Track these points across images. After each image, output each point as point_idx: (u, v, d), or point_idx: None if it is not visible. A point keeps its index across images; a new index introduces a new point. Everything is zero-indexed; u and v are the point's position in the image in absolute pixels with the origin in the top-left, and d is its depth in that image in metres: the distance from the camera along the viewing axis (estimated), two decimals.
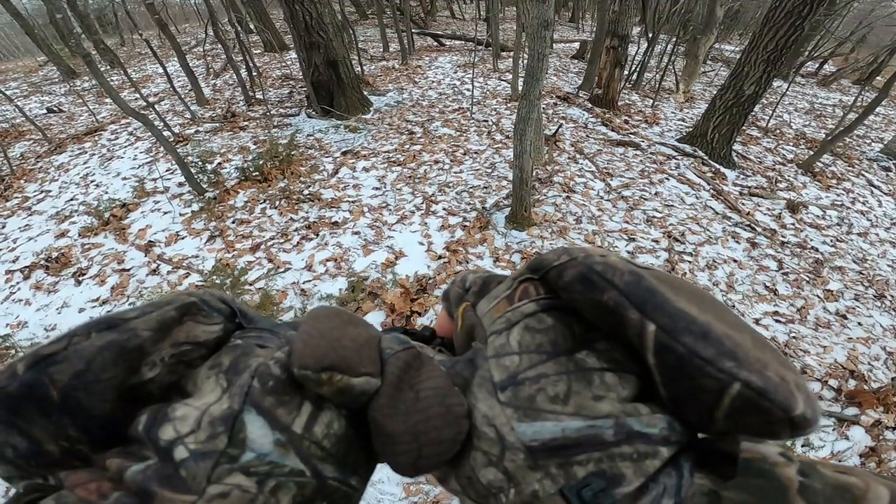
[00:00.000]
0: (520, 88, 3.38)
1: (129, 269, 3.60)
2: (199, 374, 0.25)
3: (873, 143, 7.75)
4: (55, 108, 8.15)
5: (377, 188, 4.58)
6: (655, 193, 4.81)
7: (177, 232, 3.98)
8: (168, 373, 0.25)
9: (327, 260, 3.59)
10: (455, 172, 4.87)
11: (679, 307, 0.20)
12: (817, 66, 13.82)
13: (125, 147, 5.91)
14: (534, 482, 0.21)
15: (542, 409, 0.21)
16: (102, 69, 10.39)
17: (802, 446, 2.55)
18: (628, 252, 3.85)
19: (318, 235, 3.86)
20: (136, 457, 0.21)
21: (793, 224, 4.78)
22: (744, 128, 6.19)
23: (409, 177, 4.77)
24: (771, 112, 7.86)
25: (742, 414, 0.19)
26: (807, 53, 11.52)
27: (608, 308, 0.21)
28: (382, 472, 2.20)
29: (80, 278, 3.58)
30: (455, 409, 0.23)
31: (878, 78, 11.50)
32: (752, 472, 0.18)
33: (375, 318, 3.04)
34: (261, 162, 4.67)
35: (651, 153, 5.75)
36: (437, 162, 5.07)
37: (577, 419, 0.21)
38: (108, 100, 5.05)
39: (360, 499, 0.26)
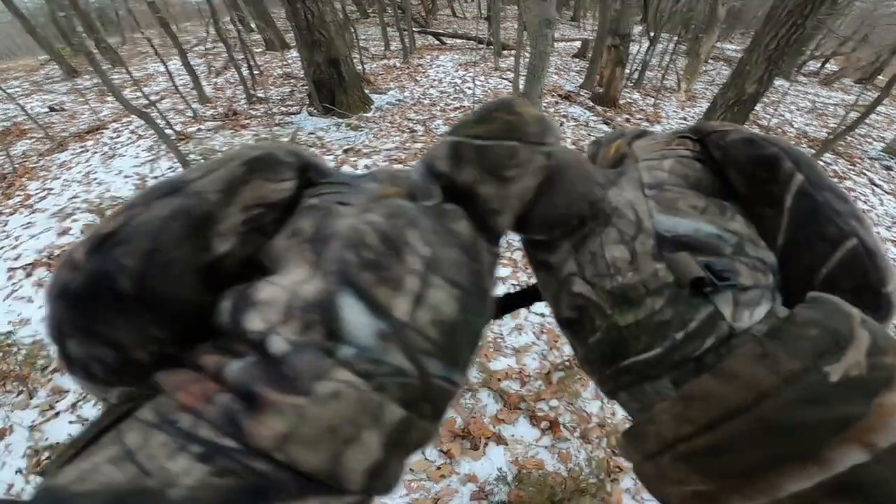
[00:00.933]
0: (521, 87, 3.38)
1: None
2: (276, 244, 0.21)
3: (875, 142, 7.74)
4: (57, 107, 8.16)
5: None
6: None
7: None
8: (242, 244, 0.20)
9: None
10: None
11: (826, 176, 0.23)
12: (819, 65, 13.80)
13: (127, 145, 5.92)
14: (655, 266, 0.21)
15: (682, 209, 0.23)
16: (104, 68, 10.42)
17: None
18: None
19: None
20: (231, 352, 0.18)
21: None
22: (745, 127, 6.17)
23: None
24: (773, 111, 7.85)
25: (846, 270, 0.21)
26: (809, 52, 11.50)
27: (767, 159, 0.23)
28: None
29: None
30: (588, 173, 0.26)
31: (879, 77, 11.49)
32: (822, 301, 0.19)
33: None
34: None
35: None
36: None
37: (711, 225, 0.22)
38: (109, 98, 5.06)
39: (460, 396, 0.23)
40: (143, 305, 0.18)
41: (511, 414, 2.44)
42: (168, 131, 5.54)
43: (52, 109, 8.08)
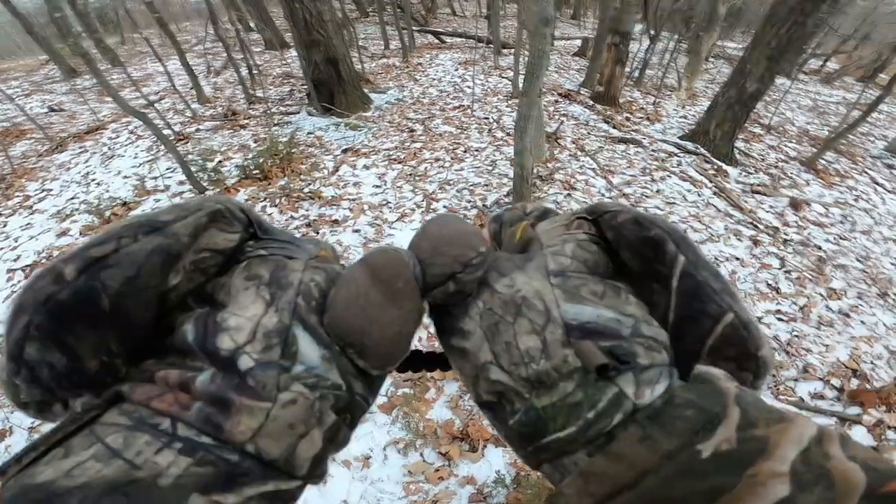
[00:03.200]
0: (521, 86, 3.36)
1: None
2: (233, 283, 0.25)
3: (877, 141, 7.71)
4: (56, 107, 8.16)
5: (378, 186, 4.57)
6: (657, 191, 4.79)
7: None
8: (187, 280, 0.25)
9: None
10: (456, 170, 4.85)
11: (701, 254, 0.26)
12: (820, 63, 13.76)
13: (126, 145, 5.91)
14: (564, 352, 0.24)
15: (584, 296, 0.25)
16: (103, 68, 10.40)
17: None
18: None
19: (318, 233, 3.85)
20: (187, 367, 0.22)
21: (795, 222, 4.75)
22: (746, 125, 6.16)
23: (410, 174, 4.76)
24: (774, 109, 7.83)
25: (727, 341, 0.24)
26: (810, 51, 11.46)
27: (653, 241, 0.26)
28: (382, 471, 2.20)
29: None
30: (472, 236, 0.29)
31: (881, 75, 11.45)
32: (698, 381, 0.22)
33: None
34: (261, 160, 4.67)
35: (653, 150, 5.72)
36: (437, 159, 5.06)
37: (610, 311, 0.25)
38: (108, 98, 5.05)
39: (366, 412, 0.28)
40: (113, 322, 0.21)
41: None
42: (167, 132, 5.53)
43: (51, 110, 8.08)
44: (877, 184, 6.09)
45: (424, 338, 2.67)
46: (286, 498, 0.23)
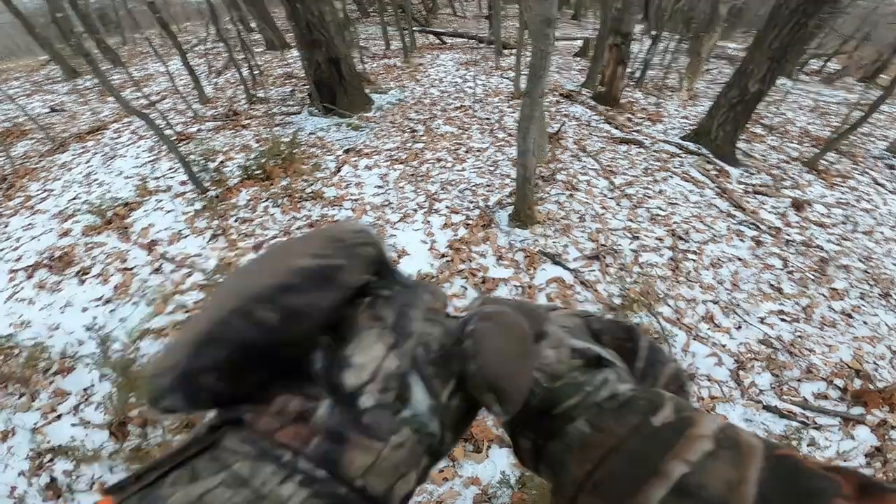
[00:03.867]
0: (522, 86, 3.35)
1: (132, 268, 3.60)
2: (359, 321, 0.28)
3: (878, 141, 7.71)
4: (57, 107, 8.16)
5: (380, 186, 4.57)
6: (659, 191, 4.79)
7: (179, 230, 3.98)
8: (333, 313, 0.28)
9: None
10: (457, 170, 4.85)
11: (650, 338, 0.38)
12: (822, 63, 13.75)
13: (127, 146, 5.91)
14: (571, 360, 0.34)
15: (579, 335, 0.36)
16: (104, 68, 10.40)
17: (808, 445, 2.54)
18: (632, 251, 3.83)
19: None
20: (307, 396, 0.24)
21: (798, 222, 4.75)
22: (748, 126, 6.16)
23: (412, 175, 4.76)
24: (775, 110, 7.82)
25: (672, 380, 0.35)
26: (811, 51, 11.45)
27: (629, 328, 0.37)
28: None
29: (84, 277, 3.58)
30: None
31: (882, 75, 11.44)
32: (648, 389, 0.31)
33: None
34: (263, 160, 4.67)
35: (655, 151, 5.72)
36: (439, 160, 5.06)
37: (597, 346, 0.35)
38: (110, 98, 5.05)
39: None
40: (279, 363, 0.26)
41: None
42: (168, 132, 5.54)
43: (52, 110, 8.07)
44: (878, 184, 6.08)
45: None
46: None
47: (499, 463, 2.24)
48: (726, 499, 0.21)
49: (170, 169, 4.92)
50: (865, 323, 3.54)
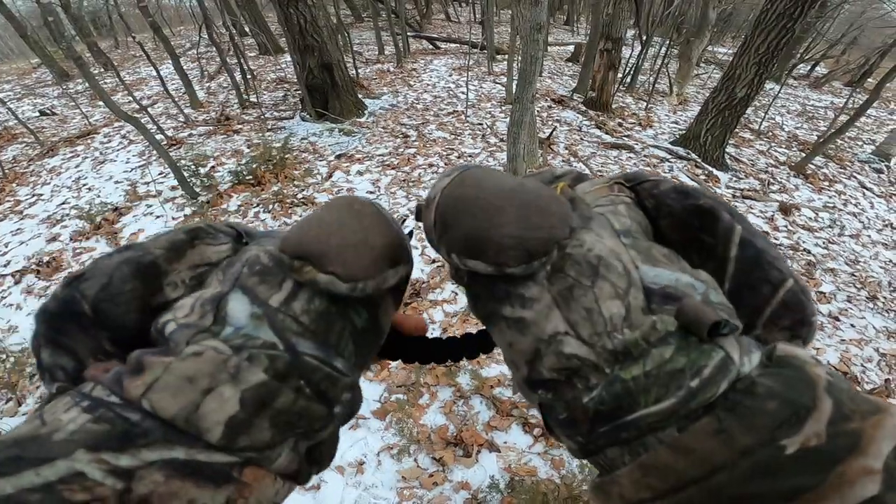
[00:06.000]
0: (514, 91, 3.38)
1: None
2: (208, 280, 0.27)
3: (865, 145, 7.82)
4: (48, 111, 8.10)
5: (371, 192, 4.57)
6: None
7: None
8: (190, 293, 0.26)
9: None
10: None
11: (752, 225, 0.25)
12: (809, 68, 13.94)
13: (118, 150, 5.88)
14: (650, 319, 0.21)
15: (658, 258, 0.23)
16: (96, 72, 10.34)
17: None
18: None
19: None
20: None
21: (785, 226, 4.80)
22: (736, 130, 6.23)
23: (404, 180, 4.76)
24: (763, 114, 7.92)
25: (787, 309, 0.23)
26: (798, 56, 11.61)
27: (703, 210, 0.25)
28: (375, 476, 2.19)
29: None
30: (558, 195, 0.26)
31: (869, 80, 11.61)
32: (784, 365, 0.19)
33: None
34: (254, 165, 4.66)
35: (645, 156, 5.77)
36: (431, 165, 5.07)
37: (685, 275, 0.23)
38: (101, 103, 5.02)
39: (350, 387, 0.25)
40: (99, 324, 0.24)
41: (504, 421, 2.43)
42: (159, 136, 5.51)
43: (42, 114, 8.02)
44: (865, 188, 6.17)
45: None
46: (213, 475, 0.20)
47: (488, 467, 2.24)
48: None
49: (160, 174, 4.90)
50: (853, 326, 3.58)
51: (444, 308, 3.12)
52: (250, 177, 4.61)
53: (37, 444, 0.18)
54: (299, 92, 6.55)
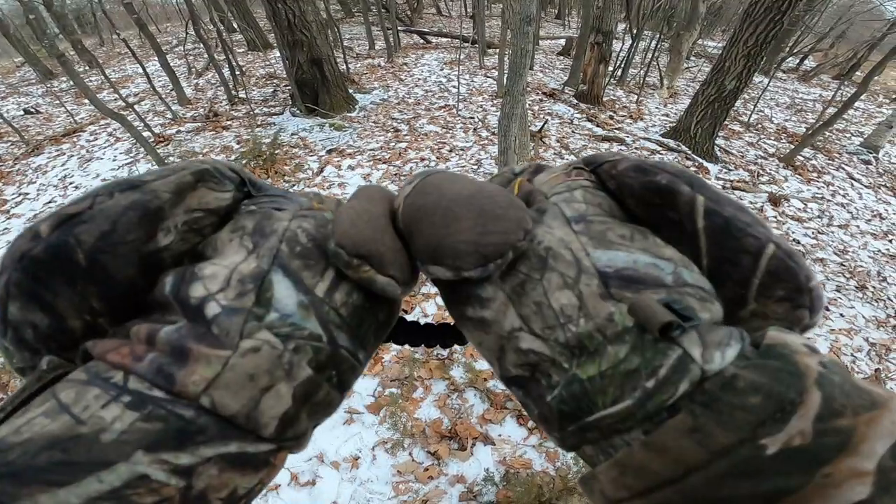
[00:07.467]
0: (504, 84, 3.38)
1: None
2: (220, 237, 0.25)
3: (853, 137, 7.90)
4: (32, 110, 7.97)
5: None
6: None
7: None
8: (180, 240, 0.24)
9: None
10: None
11: (720, 190, 0.23)
12: (798, 61, 14.04)
13: (104, 148, 5.80)
14: (608, 308, 0.20)
15: (613, 240, 0.22)
16: (80, 70, 10.19)
17: None
18: None
19: None
20: (163, 321, 0.21)
21: (774, 217, 4.84)
22: (726, 122, 6.27)
23: (395, 174, 4.74)
24: (753, 107, 7.97)
25: (775, 277, 0.21)
26: (787, 49, 11.69)
27: (660, 187, 0.23)
28: (370, 471, 2.19)
29: None
30: (516, 199, 0.25)
31: (857, 73, 11.72)
32: (771, 356, 0.18)
33: None
34: (244, 161, 4.61)
35: (636, 148, 5.79)
36: (423, 159, 5.05)
37: (646, 255, 0.22)
38: (86, 100, 4.94)
39: (360, 375, 0.26)
40: (91, 278, 0.21)
41: (498, 413, 2.44)
42: (146, 134, 5.44)
43: (27, 112, 7.89)
44: (853, 179, 6.23)
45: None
46: (256, 463, 0.21)
47: (483, 460, 2.25)
48: None
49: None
50: (842, 315, 3.62)
51: (436, 301, 3.11)
52: None
53: (83, 447, 0.17)
54: (289, 87, 6.48)
